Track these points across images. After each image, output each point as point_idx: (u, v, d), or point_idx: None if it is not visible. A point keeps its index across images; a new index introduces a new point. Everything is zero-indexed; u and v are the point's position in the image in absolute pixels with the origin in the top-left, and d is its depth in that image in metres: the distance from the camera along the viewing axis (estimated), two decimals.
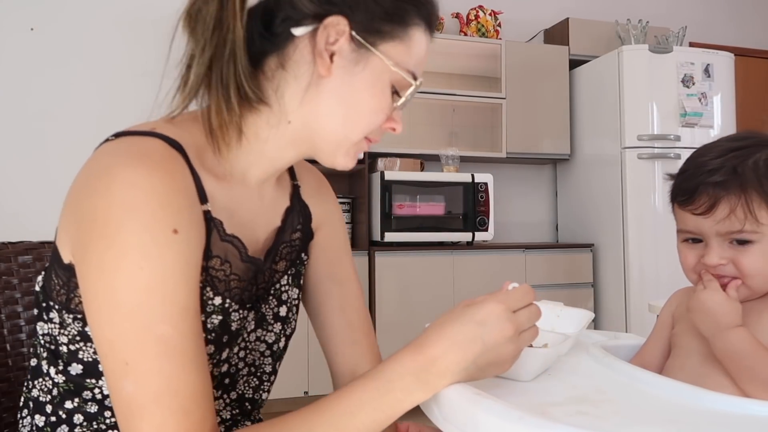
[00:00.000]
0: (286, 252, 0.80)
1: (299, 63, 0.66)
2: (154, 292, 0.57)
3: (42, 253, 1.00)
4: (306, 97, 0.67)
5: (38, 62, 3.02)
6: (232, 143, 0.68)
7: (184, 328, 0.58)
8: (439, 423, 0.60)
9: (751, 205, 0.72)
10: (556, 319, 0.81)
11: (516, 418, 0.52)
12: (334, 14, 0.64)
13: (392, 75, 0.67)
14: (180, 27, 0.68)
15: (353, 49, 0.66)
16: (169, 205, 0.59)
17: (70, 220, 0.62)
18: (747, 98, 3.96)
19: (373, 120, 0.68)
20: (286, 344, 0.82)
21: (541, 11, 3.85)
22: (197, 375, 0.58)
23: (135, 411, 0.56)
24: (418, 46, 0.69)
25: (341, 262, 0.87)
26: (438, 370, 0.58)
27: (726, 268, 0.75)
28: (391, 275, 2.92)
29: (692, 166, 0.78)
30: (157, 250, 0.57)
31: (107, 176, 0.59)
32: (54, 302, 0.67)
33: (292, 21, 0.65)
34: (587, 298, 3.32)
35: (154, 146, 0.62)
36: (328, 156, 0.71)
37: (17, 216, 2.92)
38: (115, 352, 0.56)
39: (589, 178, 3.51)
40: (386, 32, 0.66)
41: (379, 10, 0.65)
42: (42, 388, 0.70)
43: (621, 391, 0.64)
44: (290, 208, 0.80)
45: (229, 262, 0.69)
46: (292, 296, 0.82)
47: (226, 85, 0.64)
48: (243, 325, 0.73)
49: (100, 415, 0.68)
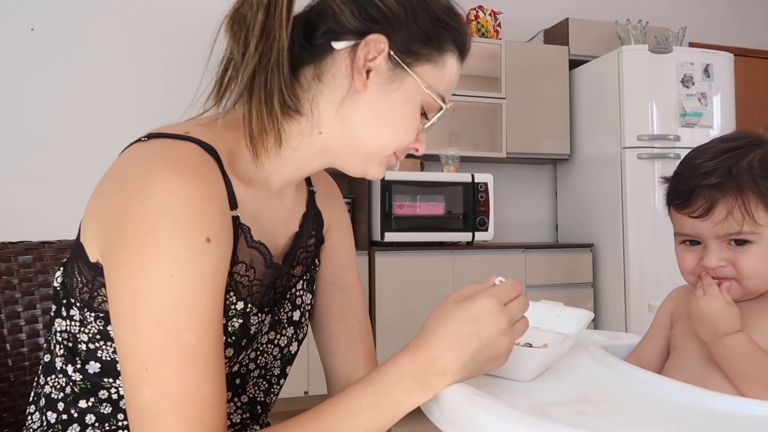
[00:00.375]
0: (303, 257, 0.81)
1: (336, 76, 0.68)
2: (182, 300, 0.57)
3: (42, 253, 1.00)
4: (340, 110, 0.68)
5: (38, 62, 3.02)
6: (270, 149, 0.69)
7: (206, 337, 0.58)
8: (440, 423, 0.60)
9: (748, 205, 0.72)
10: (556, 319, 0.81)
11: (516, 419, 0.52)
12: (375, 32, 0.66)
13: (424, 97, 0.69)
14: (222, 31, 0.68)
15: (390, 67, 0.67)
16: (204, 214, 0.59)
17: (100, 218, 0.62)
18: (747, 98, 3.96)
19: (404, 138, 0.70)
20: (297, 348, 0.83)
21: (541, 11, 3.85)
22: (215, 385, 0.58)
23: (150, 418, 0.55)
24: (449, 72, 0.71)
25: (346, 269, 0.88)
26: (437, 370, 0.58)
27: (725, 270, 0.75)
28: (391, 275, 2.92)
29: (686, 168, 0.78)
30: (190, 258, 0.57)
31: (142, 179, 0.59)
32: (76, 300, 0.66)
33: (333, 34, 0.67)
34: (587, 298, 3.32)
35: (190, 151, 0.62)
36: (359, 167, 0.72)
37: (17, 216, 2.93)
38: (137, 357, 0.56)
39: (589, 178, 3.51)
40: (423, 55, 0.68)
41: (418, 33, 0.68)
42: (55, 385, 0.70)
43: (621, 391, 0.64)
44: (306, 214, 0.81)
45: (254, 268, 0.70)
46: (306, 301, 0.82)
47: (270, 91, 0.65)
48: (260, 328, 0.74)
49: (113, 417, 0.68)
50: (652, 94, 3.21)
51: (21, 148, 2.99)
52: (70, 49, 3.07)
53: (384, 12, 0.67)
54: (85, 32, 3.09)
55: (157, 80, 3.19)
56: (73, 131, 3.07)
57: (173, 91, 3.22)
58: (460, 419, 0.57)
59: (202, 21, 3.60)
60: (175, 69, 3.22)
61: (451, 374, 0.59)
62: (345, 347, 0.86)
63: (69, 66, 3.07)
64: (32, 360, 0.96)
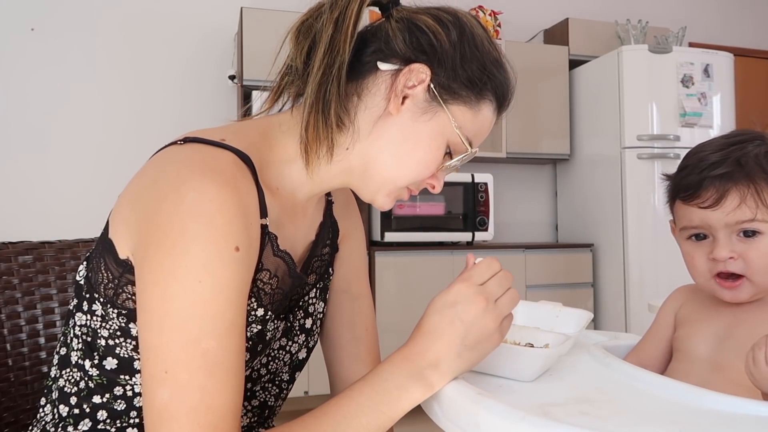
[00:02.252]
0: (317, 266, 0.82)
1: (374, 95, 0.69)
2: (207, 306, 0.57)
3: (42, 253, 1.00)
4: (369, 129, 0.70)
5: (38, 62, 3.02)
6: (322, 157, 0.70)
7: (228, 344, 0.59)
8: (441, 423, 0.60)
9: (762, 193, 0.72)
10: (556, 320, 0.81)
11: (518, 418, 0.52)
12: (421, 62, 0.68)
13: (452, 136, 0.70)
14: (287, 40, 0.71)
15: (426, 99, 0.69)
16: (235, 223, 0.60)
17: (133, 217, 0.63)
18: (746, 98, 3.96)
19: (422, 171, 0.71)
20: (307, 355, 0.83)
21: (541, 11, 3.85)
22: (232, 392, 0.59)
23: (165, 420, 0.56)
24: (483, 119, 0.72)
25: (358, 278, 0.89)
26: (428, 361, 0.60)
27: (735, 264, 0.74)
28: (391, 275, 2.92)
29: (693, 161, 0.78)
30: (218, 265, 0.58)
31: (178, 182, 0.60)
32: (99, 295, 0.67)
33: (381, 54, 0.69)
34: (587, 298, 3.32)
35: (226, 159, 0.63)
36: (370, 192, 0.73)
37: (17, 216, 2.92)
38: (158, 358, 0.57)
39: (589, 178, 3.51)
40: (461, 96, 0.70)
41: (462, 75, 0.69)
42: (69, 379, 0.71)
43: (622, 391, 0.64)
44: (323, 224, 0.83)
45: (277, 277, 0.71)
46: (318, 309, 0.83)
47: (327, 102, 0.67)
48: (274, 334, 0.75)
49: (125, 414, 0.68)
50: (652, 94, 3.21)
51: (21, 149, 2.98)
52: (70, 49, 3.07)
53: (435, 46, 0.68)
54: (85, 32, 3.09)
55: (157, 80, 3.19)
56: (73, 131, 3.06)
57: (174, 92, 3.22)
58: (462, 419, 0.57)
59: (202, 21, 3.62)
60: (175, 69, 3.22)
61: (445, 364, 0.60)
62: (352, 355, 0.87)
63: (69, 66, 3.07)
64: (32, 360, 0.96)
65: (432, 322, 0.61)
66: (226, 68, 3.22)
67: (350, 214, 0.90)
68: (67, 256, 1.03)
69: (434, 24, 0.69)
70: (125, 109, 3.15)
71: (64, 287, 1.01)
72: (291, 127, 0.71)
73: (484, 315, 0.60)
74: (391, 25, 0.69)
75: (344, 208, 0.88)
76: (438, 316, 0.61)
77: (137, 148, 3.10)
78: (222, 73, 3.23)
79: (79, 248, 1.05)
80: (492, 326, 0.61)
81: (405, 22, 0.69)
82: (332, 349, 0.88)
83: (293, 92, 0.73)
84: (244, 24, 2.90)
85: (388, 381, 0.60)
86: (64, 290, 1.01)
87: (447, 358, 0.60)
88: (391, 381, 0.60)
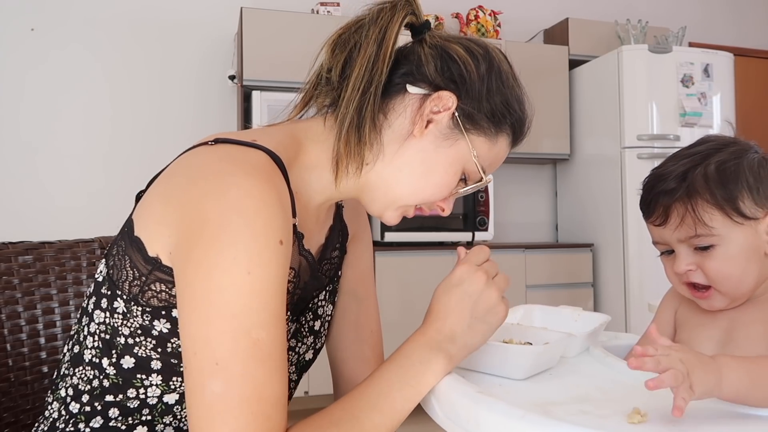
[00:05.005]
0: (327, 269, 0.83)
1: (400, 116, 0.71)
2: (256, 297, 0.59)
3: (42, 253, 1.00)
4: (392, 147, 0.72)
5: (38, 62, 3.02)
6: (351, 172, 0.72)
7: (275, 334, 0.60)
8: (442, 422, 0.60)
9: (697, 210, 0.73)
10: (574, 323, 0.83)
11: (518, 417, 0.52)
12: (450, 90, 0.70)
13: (468, 164, 0.73)
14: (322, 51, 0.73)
15: (450, 126, 0.71)
16: (278, 217, 0.62)
17: (170, 215, 0.64)
18: (746, 98, 3.96)
19: (436, 194, 0.74)
20: (313, 357, 0.84)
21: (541, 11, 3.85)
22: (281, 382, 0.60)
23: (218, 412, 0.56)
24: (498, 151, 0.75)
25: (364, 280, 0.91)
26: (445, 336, 0.64)
27: (696, 275, 0.76)
28: (391, 275, 2.92)
29: (651, 177, 0.80)
30: (267, 257, 0.60)
31: (218, 181, 0.61)
32: (123, 292, 0.67)
33: (411, 77, 0.71)
34: (587, 298, 3.32)
35: (261, 160, 0.65)
36: (379, 207, 0.75)
37: (17, 216, 2.93)
38: (209, 350, 0.58)
39: (589, 178, 3.51)
40: (482, 127, 0.73)
41: (486, 107, 0.72)
42: (82, 377, 0.71)
43: (623, 390, 0.64)
44: (333, 227, 0.84)
45: (299, 276, 0.73)
46: (327, 312, 0.85)
47: (363, 119, 0.70)
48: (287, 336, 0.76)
49: (138, 411, 0.69)
50: (651, 93, 3.21)
51: (21, 149, 2.98)
52: (70, 49, 3.07)
53: (464, 77, 0.71)
54: (85, 32, 3.09)
55: (157, 80, 3.19)
56: (73, 132, 3.07)
57: (173, 92, 3.22)
58: (462, 417, 0.57)
59: (202, 21, 3.62)
60: (175, 69, 3.22)
61: (460, 337, 0.65)
62: (357, 356, 0.89)
63: (69, 66, 3.07)
64: (32, 360, 0.96)
65: (441, 302, 0.67)
66: (226, 68, 3.22)
67: (359, 218, 0.91)
68: (67, 256, 1.03)
69: (465, 55, 0.71)
70: (125, 109, 3.15)
71: (64, 287, 1.01)
72: (320, 135, 0.73)
73: (488, 287, 0.66)
74: (424, 50, 0.72)
75: (353, 212, 0.90)
76: (446, 296, 0.66)
77: (137, 148, 3.11)
78: (222, 73, 3.23)
79: (79, 248, 1.05)
80: (495, 296, 0.66)
81: (438, 49, 0.72)
82: (337, 350, 0.89)
83: (323, 102, 0.75)
84: (244, 24, 2.90)
85: (412, 357, 0.64)
86: (64, 290, 1.01)
87: (460, 330, 0.65)
88: (414, 357, 0.64)
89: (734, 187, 0.73)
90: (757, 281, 0.75)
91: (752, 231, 0.73)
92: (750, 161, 0.74)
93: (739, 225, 0.73)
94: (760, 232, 0.74)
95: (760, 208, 0.73)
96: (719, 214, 0.73)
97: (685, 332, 0.82)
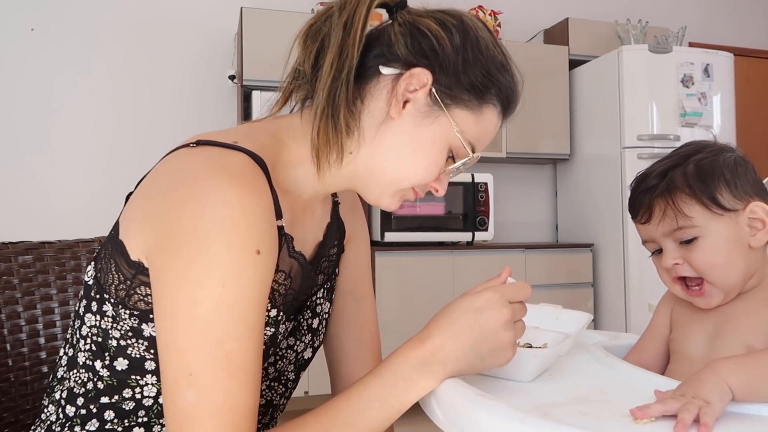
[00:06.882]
0: (325, 266, 0.83)
1: (376, 99, 0.69)
2: (231, 309, 0.59)
3: (42, 253, 1.00)
4: (372, 133, 0.70)
5: (38, 62, 3.02)
6: (333, 163, 0.71)
7: (249, 346, 0.60)
8: (442, 424, 0.60)
9: (677, 203, 0.75)
10: (555, 322, 0.82)
11: (519, 420, 0.52)
12: (423, 66, 0.68)
13: (453, 140, 0.70)
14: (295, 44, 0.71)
15: (428, 103, 0.69)
16: (256, 227, 0.61)
17: (148, 220, 0.63)
18: (746, 98, 3.96)
19: (425, 175, 0.71)
20: (312, 355, 0.84)
21: (541, 11, 3.85)
22: (251, 392, 0.60)
23: (189, 420, 0.57)
24: (486, 124, 0.72)
25: (362, 280, 0.90)
26: (438, 359, 0.61)
27: (683, 268, 0.78)
28: (391, 275, 2.92)
29: (636, 179, 0.82)
30: (242, 269, 0.59)
31: (197, 187, 0.60)
32: (110, 296, 0.67)
33: (383, 59, 0.69)
34: (587, 298, 3.32)
35: (242, 162, 0.64)
36: (375, 195, 0.73)
37: (17, 216, 2.92)
38: (183, 361, 0.58)
39: (589, 178, 3.51)
40: (462, 100, 0.69)
41: (464, 79, 0.69)
42: (77, 380, 0.71)
43: (623, 391, 0.64)
44: (330, 224, 0.83)
45: (291, 278, 0.72)
46: (325, 309, 0.84)
47: (337, 107, 0.67)
48: (284, 335, 0.76)
49: (134, 413, 0.69)
50: (651, 94, 3.21)
51: (21, 149, 2.98)
52: (69, 48, 3.07)
53: (437, 51, 0.68)
54: (85, 32, 3.09)
55: (157, 80, 3.19)
56: (73, 132, 3.06)
57: (173, 92, 3.22)
58: (462, 420, 0.57)
59: (203, 22, 3.61)
60: (175, 69, 3.22)
61: (451, 363, 0.61)
62: (354, 356, 0.88)
63: (69, 66, 3.07)
64: (32, 360, 0.96)
65: (450, 320, 0.62)
66: (226, 68, 3.22)
67: (356, 217, 0.90)
68: (67, 256, 1.03)
69: (437, 28, 0.68)
70: (125, 109, 3.14)
71: (64, 287, 1.01)
72: (300, 131, 0.72)
73: (505, 329, 0.61)
74: (395, 29, 0.69)
75: (350, 209, 0.89)
76: (461, 318, 0.61)
77: (138, 148, 3.10)
78: (222, 73, 3.23)
79: (79, 248, 1.05)
80: (507, 342, 0.61)
81: (408, 26, 0.69)
82: (335, 350, 0.89)
83: (301, 96, 0.73)
84: (244, 24, 2.90)
85: (397, 375, 0.61)
86: (64, 290, 1.01)
87: (455, 358, 0.61)
88: (400, 375, 0.61)
89: (711, 181, 0.75)
90: (744, 273, 0.76)
91: (733, 222, 0.75)
92: (726, 159, 0.78)
93: (719, 216, 0.75)
94: (741, 223, 0.76)
95: (739, 200, 0.76)
96: (698, 205, 0.75)
97: (679, 330, 0.83)
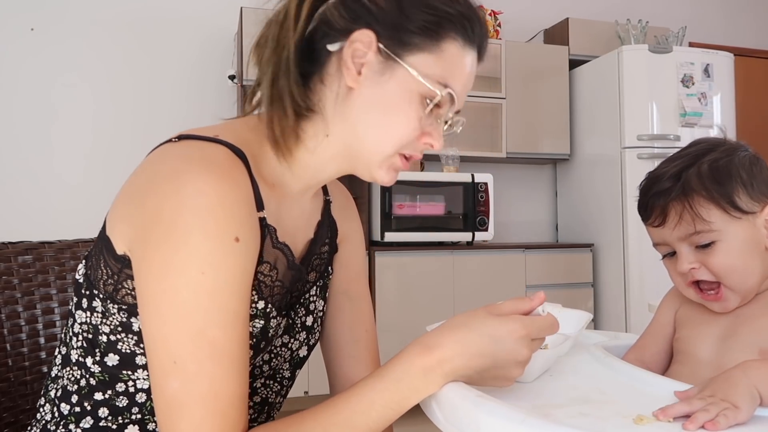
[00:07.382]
0: (317, 264, 0.83)
1: (334, 77, 0.69)
2: (211, 297, 0.59)
3: (42, 253, 1.00)
4: (338, 109, 0.69)
5: (38, 62, 3.02)
6: (294, 150, 0.71)
7: (233, 333, 0.61)
8: (442, 425, 0.60)
9: (694, 206, 0.74)
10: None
11: (519, 421, 0.52)
12: (360, 28, 0.67)
13: (420, 87, 0.67)
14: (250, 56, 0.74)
15: (380, 60, 0.67)
16: (233, 215, 0.61)
17: (130, 213, 0.64)
18: (746, 98, 3.96)
19: (403, 132, 0.68)
20: (307, 353, 0.84)
21: (541, 11, 3.85)
22: (238, 380, 0.61)
23: (176, 408, 0.58)
24: (451, 59, 0.68)
25: (357, 280, 0.90)
26: (443, 370, 0.61)
27: (700, 272, 0.76)
28: (391, 275, 2.92)
29: (647, 180, 0.81)
30: (220, 256, 0.60)
31: (176, 180, 0.61)
32: (99, 292, 0.68)
33: (328, 38, 0.69)
34: (587, 298, 3.32)
35: (221, 154, 0.65)
36: (366, 170, 0.72)
37: (17, 216, 2.92)
38: (167, 350, 0.59)
39: (589, 178, 3.51)
40: (414, 44, 0.67)
41: (408, 24, 0.67)
42: (70, 378, 0.71)
43: (622, 392, 0.64)
44: (321, 222, 0.83)
45: (277, 269, 0.72)
46: (318, 307, 0.84)
47: (281, 95, 0.69)
48: (276, 331, 0.76)
49: (127, 410, 0.69)
50: (652, 94, 3.21)
51: (21, 149, 2.98)
52: (69, 48, 3.07)
53: (368, 7, 0.67)
54: (85, 32, 3.09)
55: (157, 80, 3.19)
56: (72, 131, 3.06)
57: (174, 91, 3.22)
58: (462, 421, 0.57)
59: (202, 21, 3.61)
60: (175, 69, 3.22)
61: (454, 376, 0.61)
62: (351, 356, 0.88)
63: (69, 66, 3.07)
64: (32, 360, 0.96)
65: (468, 338, 0.60)
66: (225, 68, 3.22)
67: (349, 217, 0.90)
68: (67, 256, 1.03)
69: None
70: (125, 109, 3.14)
71: (64, 287, 1.01)
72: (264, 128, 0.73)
73: (516, 365, 0.61)
74: (328, 5, 0.69)
75: (343, 209, 0.89)
76: (479, 339, 0.60)
77: (137, 148, 3.09)
78: (222, 73, 3.23)
79: (79, 248, 1.05)
80: (513, 375, 0.62)
81: None
82: (332, 350, 0.89)
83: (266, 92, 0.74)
84: (244, 24, 2.90)
85: (402, 381, 0.61)
86: (64, 290, 1.01)
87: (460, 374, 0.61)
88: (404, 381, 0.61)
89: (728, 183, 0.74)
90: (761, 276, 0.75)
91: (750, 225, 0.74)
92: (741, 159, 0.76)
93: (737, 219, 0.73)
94: (758, 225, 0.74)
95: (756, 202, 0.74)
96: (716, 209, 0.73)
97: (686, 330, 0.81)
